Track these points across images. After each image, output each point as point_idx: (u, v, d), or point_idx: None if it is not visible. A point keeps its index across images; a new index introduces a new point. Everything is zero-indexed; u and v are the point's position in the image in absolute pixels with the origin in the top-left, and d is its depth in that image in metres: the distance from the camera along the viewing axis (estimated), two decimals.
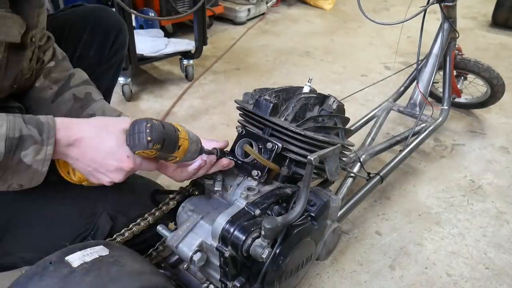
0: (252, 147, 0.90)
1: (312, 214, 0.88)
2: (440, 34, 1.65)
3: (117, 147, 0.71)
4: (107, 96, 1.21)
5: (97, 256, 0.69)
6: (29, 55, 0.83)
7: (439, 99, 1.92)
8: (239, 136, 0.93)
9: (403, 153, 1.48)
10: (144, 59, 2.16)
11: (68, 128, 0.70)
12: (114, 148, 0.71)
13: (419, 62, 1.64)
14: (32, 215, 0.86)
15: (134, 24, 2.43)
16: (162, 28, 2.72)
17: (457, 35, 1.71)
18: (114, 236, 0.86)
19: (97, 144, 0.71)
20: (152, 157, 0.74)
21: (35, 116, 0.68)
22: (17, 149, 0.63)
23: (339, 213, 1.13)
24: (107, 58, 1.16)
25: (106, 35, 1.14)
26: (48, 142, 0.66)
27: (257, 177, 0.88)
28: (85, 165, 0.72)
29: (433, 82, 1.72)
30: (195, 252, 0.81)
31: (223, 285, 0.84)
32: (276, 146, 0.87)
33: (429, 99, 1.72)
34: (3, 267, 0.93)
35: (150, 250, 0.95)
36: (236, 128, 0.94)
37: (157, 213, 0.90)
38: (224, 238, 0.77)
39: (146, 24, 2.59)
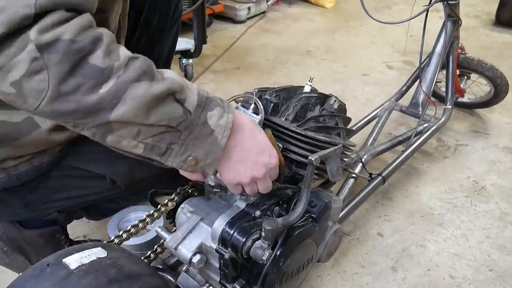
0: None
1: (313, 216, 0.87)
2: (443, 33, 1.64)
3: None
4: (170, 57, 1.31)
5: (95, 258, 0.68)
6: None
7: (442, 99, 1.90)
8: None
9: (406, 153, 1.47)
10: None
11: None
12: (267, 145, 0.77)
13: (422, 61, 1.63)
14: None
15: None
16: None
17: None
18: (112, 237, 0.85)
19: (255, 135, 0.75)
20: None
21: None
22: (205, 108, 0.65)
23: (341, 214, 1.12)
24: (168, 27, 1.24)
25: (168, 6, 1.22)
26: (229, 110, 0.69)
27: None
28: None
29: (436, 82, 1.71)
30: (195, 254, 0.80)
31: (222, 287, 0.83)
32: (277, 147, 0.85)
33: (432, 98, 1.71)
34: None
35: (149, 252, 0.94)
36: None
37: (155, 215, 0.89)
38: (224, 239, 0.76)
39: None
